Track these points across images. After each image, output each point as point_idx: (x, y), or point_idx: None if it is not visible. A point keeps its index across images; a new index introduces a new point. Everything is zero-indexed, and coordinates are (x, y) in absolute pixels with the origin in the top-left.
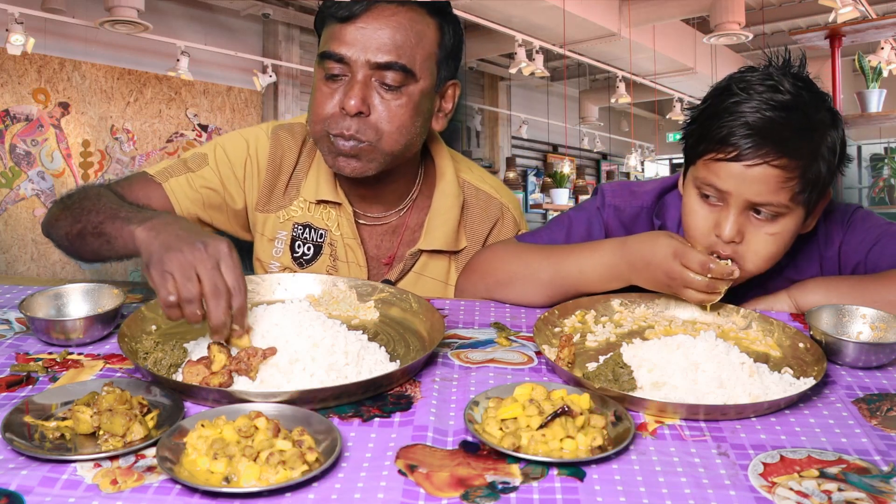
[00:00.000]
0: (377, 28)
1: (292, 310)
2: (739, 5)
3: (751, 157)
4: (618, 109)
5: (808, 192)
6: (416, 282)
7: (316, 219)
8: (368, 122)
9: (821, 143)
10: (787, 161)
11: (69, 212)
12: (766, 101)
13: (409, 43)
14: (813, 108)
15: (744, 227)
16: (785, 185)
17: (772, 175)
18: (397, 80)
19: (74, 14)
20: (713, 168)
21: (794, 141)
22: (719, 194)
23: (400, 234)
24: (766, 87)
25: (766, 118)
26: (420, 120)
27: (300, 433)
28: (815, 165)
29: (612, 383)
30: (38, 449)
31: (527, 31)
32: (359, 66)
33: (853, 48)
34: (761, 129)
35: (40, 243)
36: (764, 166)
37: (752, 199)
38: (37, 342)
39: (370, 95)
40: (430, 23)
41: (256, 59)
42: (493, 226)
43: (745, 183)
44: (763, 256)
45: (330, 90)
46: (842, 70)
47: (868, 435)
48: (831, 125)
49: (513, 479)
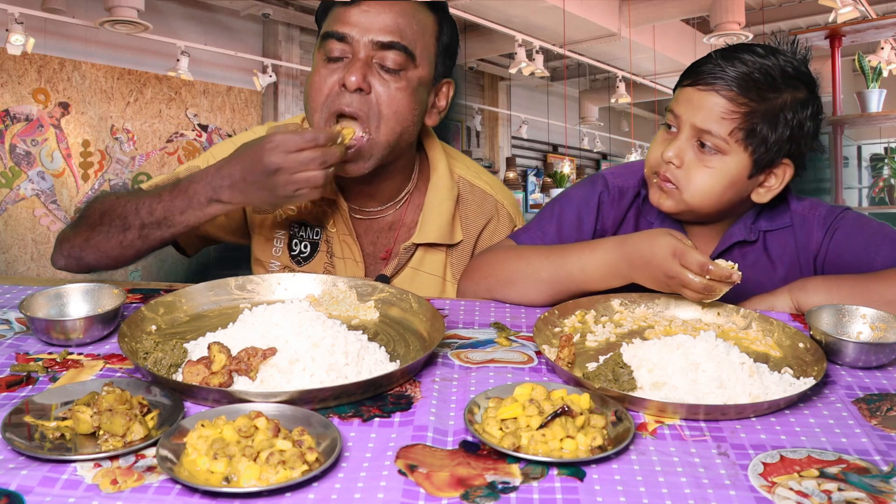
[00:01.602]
0: (381, 10)
1: (292, 310)
2: (739, 5)
3: (705, 83)
4: (618, 109)
5: (753, 139)
6: (413, 277)
7: (310, 217)
8: (368, 99)
9: (781, 104)
10: (734, 94)
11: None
12: (747, 53)
13: (411, 28)
14: (789, 77)
15: (684, 154)
16: (727, 116)
17: (716, 102)
18: (398, 62)
19: (74, 14)
20: (676, 95)
21: (749, 83)
22: (675, 119)
23: (396, 229)
24: (758, 51)
25: (734, 58)
26: (417, 109)
27: (300, 433)
28: (766, 117)
29: (612, 383)
30: (38, 449)
31: (527, 31)
32: (361, 45)
33: (853, 48)
34: (725, 62)
35: (40, 243)
36: (712, 93)
37: (696, 124)
38: (37, 342)
39: (371, 74)
40: (430, 16)
41: (256, 59)
42: (488, 222)
43: (693, 106)
44: (697, 185)
45: (329, 71)
46: (842, 70)
47: (868, 435)
48: (802, 101)
49: (513, 479)
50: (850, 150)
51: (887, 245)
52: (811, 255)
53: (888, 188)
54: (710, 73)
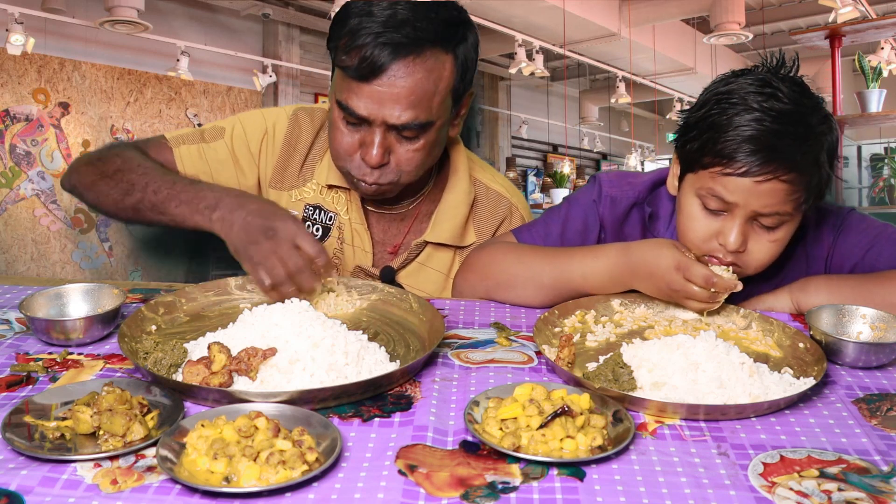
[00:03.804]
0: (394, 88)
1: (292, 310)
2: (739, 5)
3: (760, 174)
4: (618, 109)
5: (811, 199)
6: (419, 271)
7: (326, 202)
8: (389, 168)
9: (820, 151)
10: (794, 175)
11: (112, 181)
12: (766, 111)
13: (427, 95)
14: (811, 114)
15: (747, 236)
16: (792, 195)
17: (780, 189)
18: (415, 132)
19: (74, 14)
20: (720, 181)
21: (799, 154)
22: (725, 205)
23: (408, 223)
24: (765, 96)
25: (771, 130)
26: (437, 149)
27: (300, 433)
28: (817, 173)
29: (612, 383)
30: (38, 449)
31: (527, 31)
32: (377, 123)
33: (853, 48)
34: (768, 143)
35: (40, 243)
36: (773, 181)
37: (760, 211)
38: (37, 342)
39: (390, 144)
40: (447, 59)
41: (256, 59)
42: (501, 223)
43: (754, 196)
44: (763, 262)
45: (349, 132)
46: (842, 70)
47: (868, 435)
48: (828, 131)
49: (513, 479)
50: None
51: (890, 246)
52: (822, 258)
53: (888, 188)
54: (763, 165)
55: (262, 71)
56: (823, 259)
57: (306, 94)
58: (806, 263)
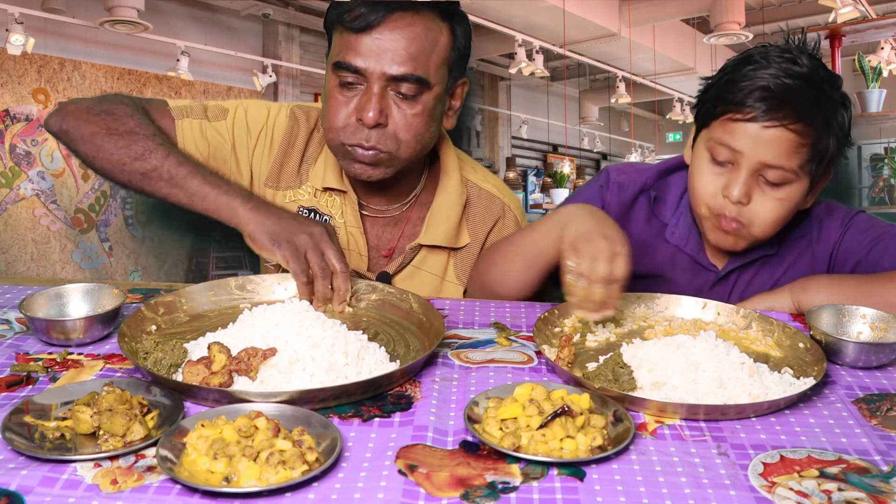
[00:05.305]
0: (393, 39)
1: (292, 310)
2: (739, 5)
3: (768, 119)
4: (618, 109)
5: (817, 163)
6: (414, 275)
7: (321, 205)
8: (386, 132)
9: (832, 118)
10: (802, 126)
11: (122, 140)
12: (784, 69)
13: (425, 52)
14: (827, 83)
15: (752, 190)
16: (798, 150)
17: (787, 138)
18: (413, 90)
19: (74, 14)
20: (729, 128)
21: (811, 109)
22: (732, 155)
23: (401, 226)
24: (785, 59)
25: (784, 84)
26: (434, 124)
27: (300, 433)
28: (826, 137)
29: (612, 383)
30: (38, 449)
31: (527, 31)
32: (375, 77)
33: (853, 48)
34: (780, 93)
35: (40, 243)
36: (780, 129)
37: (765, 161)
38: (37, 342)
39: (387, 106)
40: (443, 27)
41: (256, 59)
42: (495, 224)
43: (760, 144)
44: (767, 220)
45: (345, 98)
46: (842, 70)
47: (868, 435)
48: (842, 102)
49: (513, 479)
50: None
51: (894, 246)
52: (827, 255)
53: (888, 188)
54: (772, 111)
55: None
56: (827, 257)
57: (306, 93)
58: (811, 262)
